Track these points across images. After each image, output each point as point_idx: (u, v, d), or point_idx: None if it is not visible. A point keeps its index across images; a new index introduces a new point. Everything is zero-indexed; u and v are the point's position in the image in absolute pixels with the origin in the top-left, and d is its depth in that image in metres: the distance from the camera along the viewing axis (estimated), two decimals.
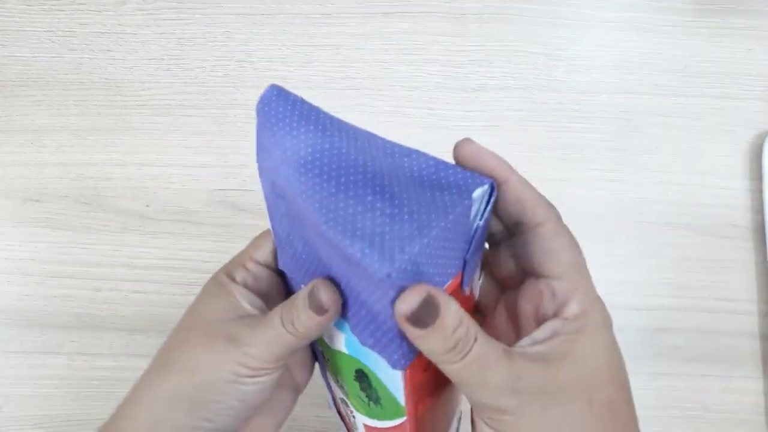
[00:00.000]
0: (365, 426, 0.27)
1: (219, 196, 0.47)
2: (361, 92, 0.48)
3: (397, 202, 0.19)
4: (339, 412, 0.31)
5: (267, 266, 0.26)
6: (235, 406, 0.24)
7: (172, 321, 0.47)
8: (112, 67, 0.49)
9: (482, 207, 0.21)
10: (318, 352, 0.28)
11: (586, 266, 0.23)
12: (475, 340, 0.20)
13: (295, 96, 0.23)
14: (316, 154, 0.21)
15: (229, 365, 0.23)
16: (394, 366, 0.21)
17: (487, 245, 0.25)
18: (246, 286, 0.25)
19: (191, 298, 0.27)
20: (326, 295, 0.21)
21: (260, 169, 0.24)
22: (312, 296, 0.21)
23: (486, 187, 0.21)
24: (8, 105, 0.48)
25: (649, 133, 0.48)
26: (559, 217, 0.23)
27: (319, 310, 0.21)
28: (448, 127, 0.48)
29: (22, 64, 0.49)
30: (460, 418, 0.32)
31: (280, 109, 0.22)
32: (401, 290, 0.19)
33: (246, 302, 0.25)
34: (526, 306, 0.23)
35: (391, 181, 0.20)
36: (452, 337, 0.19)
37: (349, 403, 0.28)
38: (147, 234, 0.46)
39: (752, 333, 0.45)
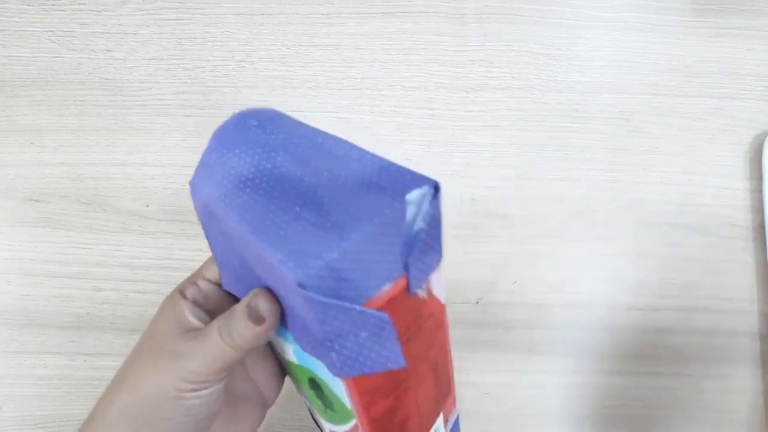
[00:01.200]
0: (330, 431, 0.27)
1: None
2: (361, 92, 0.48)
3: (324, 211, 0.20)
4: (312, 417, 0.31)
5: (217, 284, 0.27)
6: (182, 421, 0.24)
7: None
8: (112, 67, 0.49)
9: (424, 209, 0.20)
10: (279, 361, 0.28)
11: None
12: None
13: (257, 121, 0.23)
14: (257, 173, 0.21)
15: (170, 381, 0.23)
16: (333, 374, 0.21)
17: None
18: (195, 302, 0.26)
19: None
20: (264, 305, 0.21)
21: (193, 188, 0.24)
22: (250, 307, 0.22)
23: (424, 188, 0.20)
24: (8, 105, 0.48)
25: (648, 133, 0.48)
26: None
27: (258, 319, 0.21)
28: (448, 127, 0.48)
29: (22, 64, 0.49)
30: (457, 420, 0.32)
31: (236, 134, 0.23)
32: (322, 303, 0.18)
33: (192, 317, 0.25)
34: None
35: (326, 191, 0.20)
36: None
37: (314, 410, 0.28)
38: (147, 234, 0.46)
39: (752, 333, 0.45)
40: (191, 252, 0.46)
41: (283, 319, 0.22)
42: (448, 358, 0.27)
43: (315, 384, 0.24)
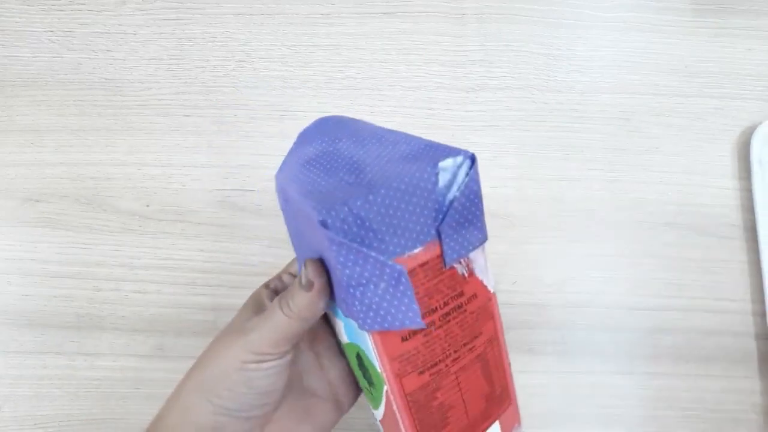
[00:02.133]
0: (380, 423, 0.27)
1: (219, 196, 0.47)
2: (361, 92, 0.48)
3: (362, 175, 0.21)
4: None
5: (296, 277, 0.29)
6: (244, 392, 0.25)
7: (172, 321, 0.47)
8: (112, 67, 0.49)
9: (459, 178, 0.21)
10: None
11: None
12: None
13: (333, 122, 0.25)
14: (319, 154, 0.23)
15: (235, 353, 0.25)
16: (359, 327, 0.22)
17: None
18: (275, 291, 0.29)
19: (191, 298, 0.28)
20: (311, 270, 0.23)
21: (277, 180, 0.26)
22: (301, 275, 0.24)
23: (459, 158, 0.21)
24: (8, 105, 0.48)
25: (648, 133, 0.48)
26: None
27: (307, 285, 0.23)
28: (448, 127, 0.48)
29: (22, 64, 0.49)
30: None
31: (313, 132, 0.25)
32: (342, 245, 0.20)
33: (268, 300, 0.27)
34: None
35: (371, 164, 0.22)
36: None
37: (369, 403, 0.28)
38: (147, 234, 0.46)
39: (752, 333, 0.45)
40: (191, 252, 0.46)
41: (333, 292, 0.24)
42: (503, 357, 0.27)
43: (360, 360, 0.25)
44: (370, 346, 0.23)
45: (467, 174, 0.21)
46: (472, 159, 0.21)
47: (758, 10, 0.49)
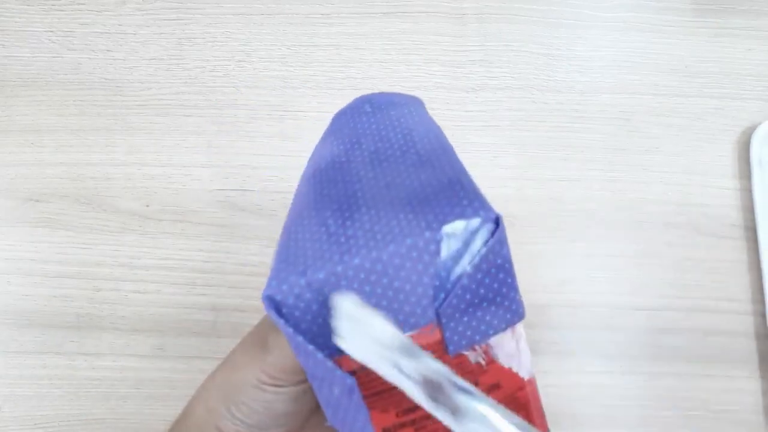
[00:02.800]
0: None
1: (219, 196, 0.47)
2: (361, 92, 0.48)
3: (350, 222, 0.17)
4: None
5: None
6: (260, 411, 0.24)
7: (171, 321, 0.47)
8: (112, 67, 0.49)
9: (473, 248, 0.16)
10: None
11: None
12: None
13: (371, 107, 0.21)
14: (329, 164, 0.19)
15: (254, 370, 0.24)
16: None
17: None
18: None
19: (191, 298, 0.28)
20: None
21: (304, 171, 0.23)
22: None
23: (475, 221, 0.16)
24: (8, 105, 0.48)
25: (648, 133, 0.48)
26: None
27: None
28: (448, 127, 0.47)
29: (22, 64, 0.49)
30: None
31: (344, 121, 0.21)
32: (280, 323, 0.16)
33: None
34: None
35: (372, 200, 0.18)
36: None
37: None
38: (147, 234, 0.46)
39: (752, 333, 0.45)
40: (191, 252, 0.46)
41: None
42: None
43: None
44: None
45: (486, 242, 0.16)
46: (496, 222, 0.16)
47: (758, 10, 0.49)
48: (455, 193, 0.17)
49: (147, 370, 0.45)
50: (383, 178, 0.18)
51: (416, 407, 0.17)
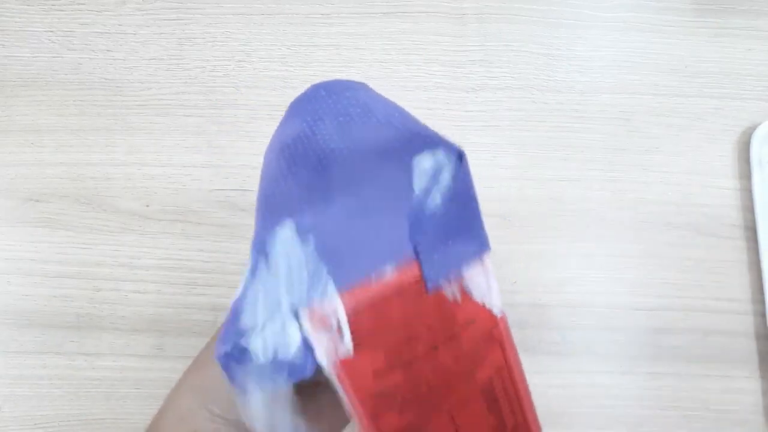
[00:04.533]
0: None
1: (219, 196, 0.47)
2: None
3: (325, 176, 0.17)
4: None
5: None
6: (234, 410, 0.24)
7: (171, 321, 0.47)
8: (112, 67, 0.49)
9: (443, 181, 0.17)
10: None
11: None
12: None
13: (326, 91, 0.22)
14: (295, 138, 0.20)
15: None
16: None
17: None
18: None
19: (191, 298, 0.28)
20: None
21: (264, 160, 0.24)
22: None
23: (440, 154, 0.17)
24: (8, 105, 0.48)
25: (648, 133, 0.48)
26: None
27: None
28: (448, 127, 0.48)
29: (22, 64, 0.49)
30: None
31: (302, 104, 0.22)
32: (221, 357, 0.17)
33: None
34: None
35: (342, 158, 0.18)
36: None
37: None
38: (147, 234, 0.46)
39: (752, 333, 0.45)
40: (191, 252, 0.46)
41: None
42: (518, 387, 0.23)
43: None
44: (336, 386, 0.19)
45: (453, 175, 0.18)
46: (459, 155, 0.18)
47: (758, 10, 0.49)
48: (420, 138, 0.18)
49: (147, 370, 0.45)
50: (351, 142, 0.19)
51: (431, 334, 0.18)
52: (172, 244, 0.46)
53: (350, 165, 0.18)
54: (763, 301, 0.44)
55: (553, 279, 0.46)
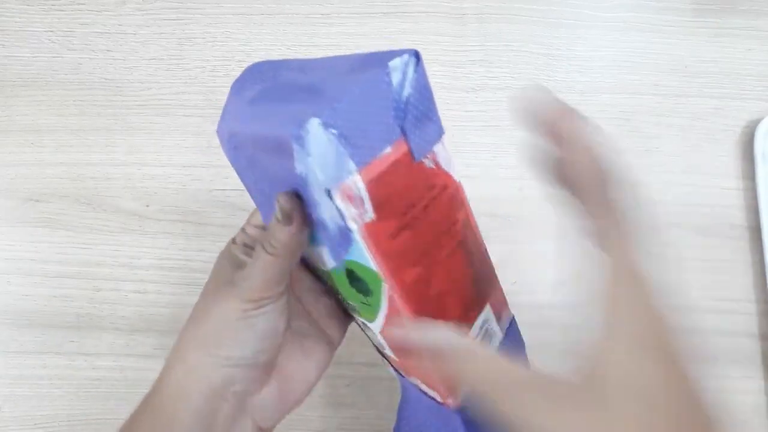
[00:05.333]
0: (380, 334, 0.28)
1: (219, 196, 0.47)
2: None
3: (319, 90, 0.21)
4: (377, 350, 0.32)
5: (262, 227, 0.30)
6: (249, 338, 0.26)
7: (172, 321, 0.47)
8: (112, 67, 0.49)
9: (409, 76, 0.22)
10: (339, 301, 0.30)
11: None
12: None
13: (266, 64, 0.25)
14: (262, 90, 0.23)
15: (233, 304, 0.26)
16: (351, 226, 0.22)
17: None
18: (245, 245, 0.29)
19: (191, 298, 0.28)
20: (285, 201, 0.23)
21: (219, 134, 0.26)
22: (277, 211, 0.24)
23: (405, 56, 0.22)
24: (8, 105, 0.48)
25: (649, 133, 0.48)
26: (621, 230, 0.22)
27: (286, 218, 0.23)
28: (447, 128, 0.47)
29: (22, 64, 0.49)
30: (513, 323, 0.32)
31: (247, 79, 0.25)
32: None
33: (242, 254, 0.28)
34: None
35: (321, 82, 0.22)
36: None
37: (365, 321, 0.28)
38: (147, 234, 0.46)
39: (752, 333, 0.45)
40: (191, 252, 0.46)
41: (310, 220, 0.24)
42: (480, 242, 0.28)
43: (351, 274, 0.25)
44: (363, 252, 0.23)
45: (415, 70, 0.22)
46: (417, 55, 0.22)
47: (758, 10, 0.49)
48: (379, 53, 0.22)
49: (147, 370, 0.45)
50: (319, 74, 0.23)
51: (421, 196, 0.24)
52: (172, 244, 0.46)
53: (333, 82, 0.22)
54: (763, 301, 0.44)
55: (553, 279, 0.46)
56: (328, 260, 0.26)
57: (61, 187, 0.47)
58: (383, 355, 0.31)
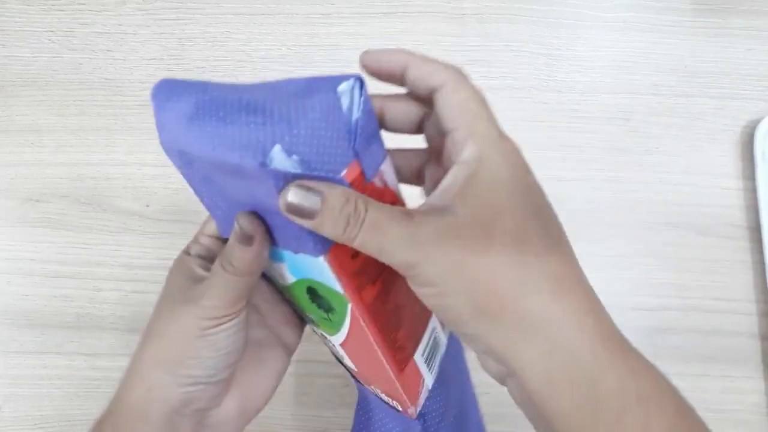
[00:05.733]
0: (341, 346, 0.29)
1: None
2: None
3: (268, 113, 0.21)
4: (336, 357, 0.32)
5: (217, 238, 0.29)
6: (211, 356, 0.26)
7: None
8: (112, 67, 0.49)
9: (356, 100, 0.23)
10: (296, 309, 0.30)
11: (487, 113, 0.24)
12: (366, 210, 0.21)
13: (182, 80, 0.25)
14: (198, 106, 0.23)
15: (192, 322, 0.25)
16: (315, 254, 0.23)
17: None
18: (200, 256, 0.28)
19: None
20: (246, 223, 0.23)
21: (165, 148, 0.26)
22: (234, 230, 0.23)
23: (351, 81, 0.23)
24: (8, 105, 0.48)
25: (648, 133, 0.48)
26: (459, 77, 0.24)
27: (247, 239, 0.23)
28: None
29: (22, 64, 0.49)
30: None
31: (170, 88, 0.25)
32: (284, 179, 0.21)
33: (199, 268, 0.27)
34: (440, 169, 0.25)
35: (266, 102, 0.22)
36: (341, 216, 0.21)
37: (324, 333, 0.29)
38: (147, 234, 0.46)
39: (752, 333, 0.45)
40: None
41: (272, 237, 0.24)
42: None
43: (312, 292, 0.26)
44: (326, 272, 0.24)
45: (360, 93, 0.23)
46: (361, 80, 0.23)
47: (758, 10, 0.49)
48: (321, 78, 0.23)
49: None
50: (260, 95, 0.23)
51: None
52: (172, 244, 0.46)
53: (282, 104, 0.22)
54: (763, 301, 0.44)
55: None
56: (287, 276, 0.26)
57: (61, 187, 0.47)
58: (343, 364, 0.32)
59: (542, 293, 0.21)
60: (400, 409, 0.30)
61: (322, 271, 0.24)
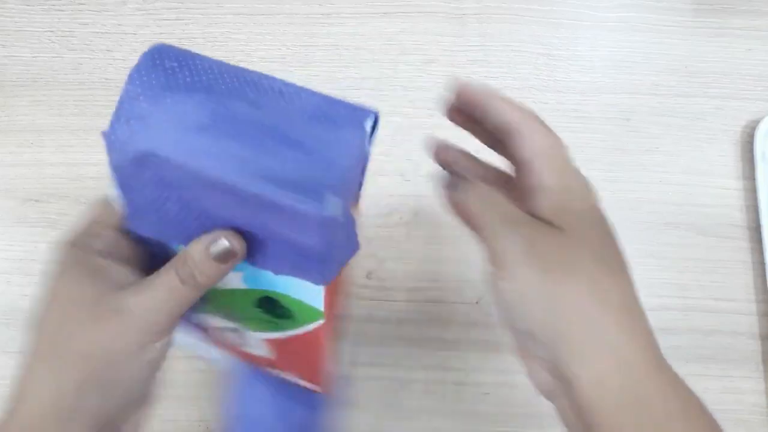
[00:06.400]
0: (266, 340, 0.30)
1: None
2: (361, 92, 0.48)
3: (305, 147, 0.21)
4: (237, 351, 0.34)
5: (119, 231, 0.25)
6: (144, 373, 0.24)
7: None
8: (112, 67, 0.49)
9: (369, 136, 0.23)
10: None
11: (563, 152, 0.27)
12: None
13: (177, 63, 0.24)
14: (215, 117, 0.22)
15: (129, 337, 0.22)
16: (318, 283, 0.24)
17: None
18: (110, 255, 0.24)
19: None
20: (237, 243, 0.22)
21: (117, 140, 0.23)
22: (217, 247, 0.22)
23: (372, 117, 0.23)
24: (8, 105, 0.48)
25: (648, 133, 0.48)
26: (534, 118, 0.26)
27: (226, 257, 0.22)
28: (448, 128, 0.48)
29: (22, 64, 0.49)
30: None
31: (161, 79, 0.23)
32: (331, 224, 0.21)
33: (117, 272, 0.24)
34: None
35: (290, 127, 0.22)
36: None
37: (240, 327, 0.30)
38: None
39: (752, 333, 0.45)
40: None
41: (250, 255, 0.24)
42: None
43: (268, 301, 0.26)
44: (315, 295, 0.25)
45: (374, 130, 0.23)
46: (377, 116, 0.23)
47: (758, 10, 0.49)
48: (343, 103, 0.23)
49: None
50: (277, 113, 0.22)
51: None
52: None
53: (311, 135, 0.22)
54: (763, 301, 0.44)
55: None
56: (235, 283, 0.25)
57: (61, 187, 0.47)
58: (242, 352, 0.33)
59: (614, 313, 0.24)
60: (313, 387, 0.34)
61: (310, 293, 0.24)
